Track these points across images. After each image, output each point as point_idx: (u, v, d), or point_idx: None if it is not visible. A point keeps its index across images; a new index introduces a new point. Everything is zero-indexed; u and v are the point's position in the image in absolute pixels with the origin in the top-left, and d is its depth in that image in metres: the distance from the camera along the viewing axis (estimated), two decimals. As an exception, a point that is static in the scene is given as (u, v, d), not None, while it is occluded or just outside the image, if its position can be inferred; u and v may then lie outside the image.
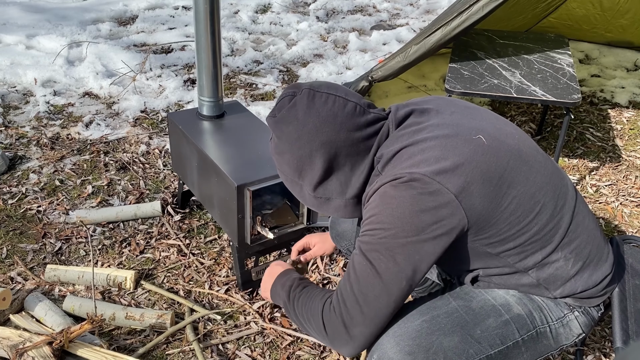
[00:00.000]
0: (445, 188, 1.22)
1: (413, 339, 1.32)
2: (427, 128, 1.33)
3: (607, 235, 2.65)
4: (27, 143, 3.20)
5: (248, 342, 2.03)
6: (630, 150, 3.39)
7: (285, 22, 5.29)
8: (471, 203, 1.24)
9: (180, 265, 2.37)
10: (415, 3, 6.06)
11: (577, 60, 4.49)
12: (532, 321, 1.40)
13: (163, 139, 3.29)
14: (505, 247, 1.33)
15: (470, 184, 1.23)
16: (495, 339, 1.37)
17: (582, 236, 1.39)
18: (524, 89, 2.65)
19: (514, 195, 1.28)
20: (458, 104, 1.44)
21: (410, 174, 1.24)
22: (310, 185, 1.40)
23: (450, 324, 1.36)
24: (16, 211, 2.65)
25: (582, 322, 1.44)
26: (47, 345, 1.79)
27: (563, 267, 1.37)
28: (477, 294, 1.44)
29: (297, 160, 1.37)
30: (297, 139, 1.35)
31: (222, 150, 2.15)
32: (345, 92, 1.37)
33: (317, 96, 1.35)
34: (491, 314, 1.39)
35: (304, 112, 1.34)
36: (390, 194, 1.25)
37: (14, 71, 3.94)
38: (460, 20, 2.69)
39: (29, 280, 2.26)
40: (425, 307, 1.41)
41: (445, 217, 1.23)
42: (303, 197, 1.45)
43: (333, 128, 1.33)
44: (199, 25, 2.19)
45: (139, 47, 4.60)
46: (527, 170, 1.31)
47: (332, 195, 1.40)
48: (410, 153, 1.29)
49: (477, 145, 1.28)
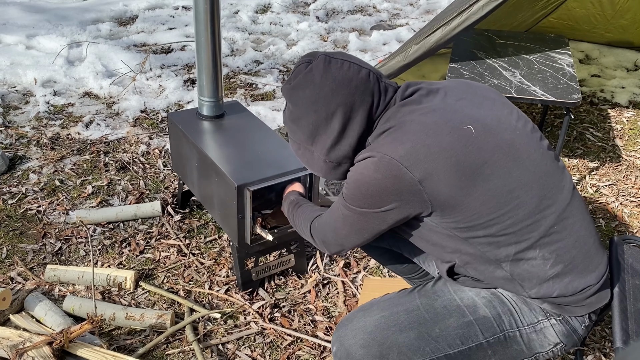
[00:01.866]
0: (410, 173, 1.28)
1: (369, 333, 1.40)
2: (423, 109, 1.37)
3: (607, 235, 2.65)
4: (27, 143, 3.20)
5: (248, 342, 2.03)
6: (630, 150, 3.39)
7: (285, 22, 5.29)
8: (436, 189, 1.29)
9: (180, 266, 2.37)
10: (415, 3, 6.06)
11: (577, 60, 4.48)
12: (500, 324, 1.39)
13: (163, 139, 3.29)
14: (474, 233, 1.34)
15: (439, 171, 1.28)
16: (454, 339, 1.38)
17: (568, 239, 1.36)
18: (524, 89, 2.65)
19: (489, 187, 1.30)
20: (475, 92, 1.45)
21: (382, 155, 1.31)
22: (323, 150, 1.45)
23: (407, 321, 1.41)
24: (16, 211, 2.65)
25: (559, 330, 1.40)
26: (47, 345, 1.79)
27: (540, 266, 1.35)
28: (444, 293, 1.46)
29: (313, 124, 1.42)
30: (314, 102, 1.40)
31: (222, 150, 2.15)
32: (359, 61, 1.43)
33: (333, 62, 1.40)
34: (454, 314, 1.41)
35: (321, 76, 1.39)
36: (361, 170, 1.35)
37: (14, 71, 3.94)
38: (460, 20, 2.69)
39: (29, 280, 2.26)
40: (388, 302, 1.48)
41: (405, 198, 1.31)
42: (313, 164, 1.51)
43: (348, 91, 1.38)
44: (199, 25, 2.18)
45: (139, 47, 4.60)
46: (513, 166, 1.33)
47: (342, 160, 1.45)
48: (394, 134, 1.35)
49: (462, 135, 1.31)
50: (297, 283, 2.31)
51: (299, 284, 2.31)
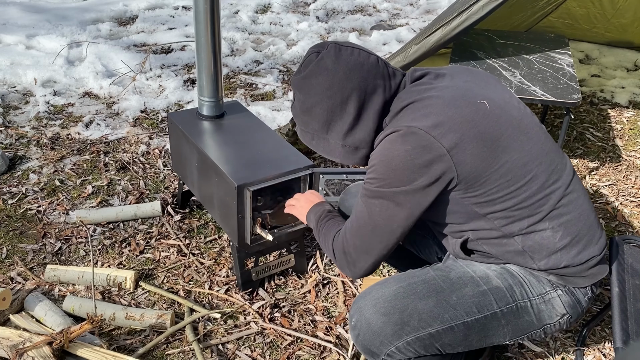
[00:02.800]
0: (438, 142, 1.30)
1: (389, 301, 1.43)
2: (436, 88, 1.41)
3: (607, 235, 2.65)
4: (27, 143, 3.21)
5: (248, 342, 2.03)
6: (630, 150, 3.39)
7: (285, 22, 5.29)
8: (463, 159, 1.31)
9: (180, 265, 2.37)
10: (415, 3, 6.06)
11: (577, 60, 4.48)
12: (512, 295, 1.44)
13: (163, 139, 3.29)
14: (492, 208, 1.38)
15: (464, 141, 1.31)
16: (471, 307, 1.42)
17: (573, 213, 1.43)
18: (524, 89, 2.65)
19: (507, 159, 1.34)
20: (476, 75, 1.51)
21: (408, 127, 1.33)
22: (339, 135, 1.47)
23: (425, 290, 1.44)
24: (16, 211, 2.65)
25: (566, 301, 1.46)
26: (47, 345, 1.79)
27: (550, 238, 1.40)
28: (457, 266, 1.50)
29: (328, 111, 1.45)
30: (329, 88, 1.43)
31: (222, 150, 2.15)
32: (367, 49, 1.49)
33: (343, 49, 1.45)
34: (469, 284, 1.45)
35: (333, 62, 1.43)
36: (388, 146, 1.35)
37: (14, 71, 3.94)
38: (460, 20, 2.69)
39: (29, 280, 2.26)
40: (404, 275, 1.51)
41: (435, 169, 1.31)
42: (330, 151, 1.52)
43: (361, 75, 1.42)
44: (199, 25, 2.19)
45: (139, 47, 4.60)
46: (525, 140, 1.38)
47: (360, 144, 1.47)
48: (414, 108, 1.38)
49: (479, 108, 1.36)
50: (297, 283, 2.31)
51: (299, 284, 2.31)
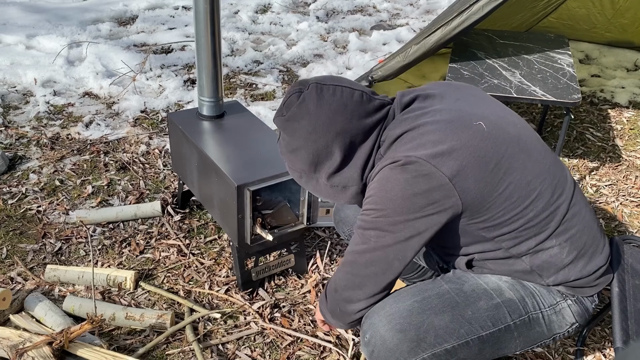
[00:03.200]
0: (439, 171, 1.25)
1: (404, 317, 1.38)
2: (429, 112, 1.36)
3: (607, 235, 2.65)
4: (27, 143, 3.20)
5: (248, 342, 2.03)
6: (630, 150, 3.39)
7: (285, 22, 5.29)
8: (466, 186, 1.27)
9: (180, 266, 2.37)
10: (415, 3, 6.06)
11: (577, 60, 4.48)
12: (524, 306, 1.42)
13: (163, 139, 3.29)
14: (500, 231, 1.35)
15: (466, 168, 1.27)
16: (486, 321, 1.40)
17: (578, 226, 1.41)
18: (524, 89, 2.65)
19: (510, 181, 1.31)
20: (464, 91, 1.46)
21: (406, 157, 1.28)
22: (327, 175, 1.43)
23: (441, 304, 1.41)
24: (16, 211, 2.65)
25: (575, 311, 1.46)
26: (47, 345, 1.79)
27: (557, 255, 1.39)
28: (469, 278, 1.47)
29: (313, 154, 1.40)
30: (312, 132, 1.38)
31: (222, 150, 2.15)
32: (349, 82, 1.42)
33: (325, 89, 1.38)
34: (482, 297, 1.42)
35: (315, 105, 1.37)
36: (386, 176, 1.30)
37: (14, 71, 3.94)
38: (460, 20, 2.69)
39: (29, 281, 2.26)
40: (417, 289, 1.47)
41: (438, 199, 1.27)
42: (319, 190, 1.48)
43: (345, 117, 1.37)
44: (199, 25, 2.18)
45: (139, 47, 4.60)
46: (525, 158, 1.34)
47: (348, 182, 1.43)
48: (410, 137, 1.33)
49: (477, 130, 1.31)
50: (297, 283, 2.31)
51: (299, 284, 2.31)
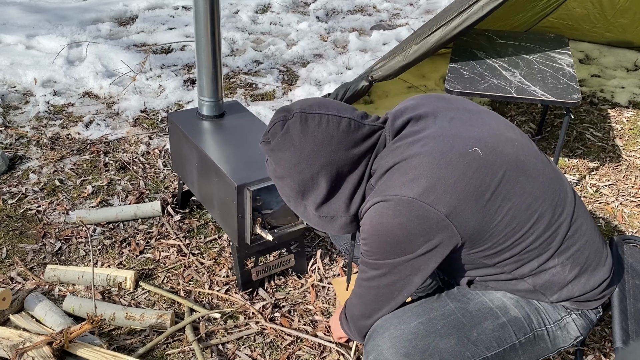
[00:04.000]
0: (434, 209, 1.22)
1: (409, 340, 1.35)
2: (422, 140, 1.30)
3: (607, 235, 2.65)
4: (27, 143, 3.20)
5: (248, 342, 2.03)
6: (630, 150, 3.39)
7: (285, 22, 5.29)
8: (464, 220, 1.24)
9: (180, 265, 2.37)
10: (415, 3, 6.06)
11: (577, 60, 4.48)
12: (530, 324, 1.41)
13: (163, 139, 3.29)
14: (501, 257, 1.33)
15: (462, 202, 1.23)
16: (492, 342, 1.37)
17: (580, 241, 1.38)
18: (524, 89, 2.65)
19: (509, 207, 1.27)
20: (458, 107, 1.41)
21: (399, 198, 1.23)
22: (314, 205, 1.38)
23: (446, 326, 1.38)
24: (16, 211, 2.65)
25: (580, 324, 1.44)
26: (47, 345, 1.79)
27: (560, 274, 1.36)
28: (474, 295, 1.44)
29: (299, 184, 1.35)
30: (297, 164, 1.32)
31: (222, 150, 2.15)
32: (337, 109, 1.34)
33: (310, 118, 1.31)
34: (488, 317, 1.40)
35: (299, 137, 1.31)
36: (378, 219, 1.26)
37: (14, 71, 3.94)
38: (460, 20, 2.69)
39: (29, 280, 2.26)
40: (422, 308, 1.43)
41: (435, 236, 1.24)
42: (307, 217, 1.44)
43: (331, 149, 1.30)
44: (199, 25, 2.18)
45: (139, 47, 4.60)
46: (524, 180, 1.30)
47: (336, 213, 1.38)
48: (401, 170, 1.27)
49: (472, 159, 1.27)
50: (297, 283, 2.31)
51: (299, 284, 2.31)
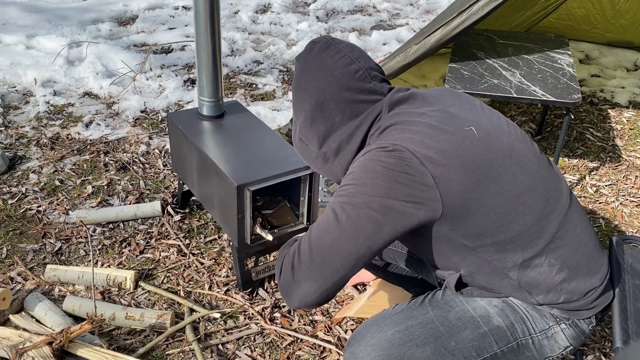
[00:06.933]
0: (425, 168, 1.22)
1: (385, 349, 1.34)
2: (420, 111, 1.34)
3: (607, 235, 2.65)
4: (27, 143, 3.21)
5: (248, 342, 2.03)
6: (630, 150, 3.39)
7: (285, 22, 5.29)
8: (449, 188, 1.23)
9: (180, 266, 2.37)
10: (415, 3, 6.06)
11: (577, 60, 4.49)
12: (513, 333, 1.38)
13: (163, 139, 3.29)
14: (482, 241, 1.31)
15: (451, 171, 1.23)
16: (470, 351, 1.36)
17: (571, 244, 1.36)
18: (524, 89, 2.65)
19: (497, 191, 1.27)
20: (461, 99, 1.43)
21: (393, 145, 1.25)
22: (316, 140, 1.44)
23: (423, 335, 1.36)
24: (16, 211, 2.65)
25: (569, 334, 1.41)
26: (47, 345, 1.79)
27: (547, 273, 1.34)
28: (457, 303, 1.42)
29: (295, 97, 1.45)
30: (298, 79, 1.43)
31: (222, 150, 2.15)
32: (358, 55, 1.40)
33: (331, 47, 1.40)
34: (468, 326, 1.38)
35: (313, 57, 1.41)
36: (371, 157, 1.27)
37: (14, 71, 3.94)
38: (460, 20, 2.69)
39: (29, 280, 2.26)
40: (401, 316, 1.41)
41: (416, 193, 1.22)
42: (307, 156, 1.50)
43: (325, 79, 1.37)
44: (199, 25, 2.18)
45: (139, 47, 4.60)
46: (516, 169, 1.30)
47: (332, 154, 1.43)
48: (400, 129, 1.30)
49: (467, 135, 1.28)
50: (297, 283, 2.31)
51: (299, 284, 2.30)
